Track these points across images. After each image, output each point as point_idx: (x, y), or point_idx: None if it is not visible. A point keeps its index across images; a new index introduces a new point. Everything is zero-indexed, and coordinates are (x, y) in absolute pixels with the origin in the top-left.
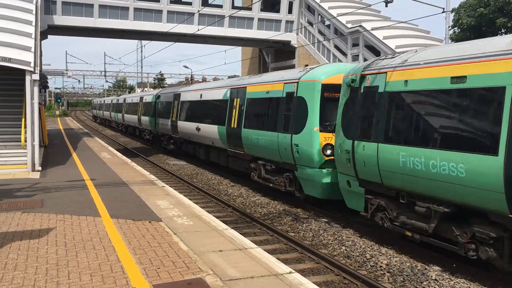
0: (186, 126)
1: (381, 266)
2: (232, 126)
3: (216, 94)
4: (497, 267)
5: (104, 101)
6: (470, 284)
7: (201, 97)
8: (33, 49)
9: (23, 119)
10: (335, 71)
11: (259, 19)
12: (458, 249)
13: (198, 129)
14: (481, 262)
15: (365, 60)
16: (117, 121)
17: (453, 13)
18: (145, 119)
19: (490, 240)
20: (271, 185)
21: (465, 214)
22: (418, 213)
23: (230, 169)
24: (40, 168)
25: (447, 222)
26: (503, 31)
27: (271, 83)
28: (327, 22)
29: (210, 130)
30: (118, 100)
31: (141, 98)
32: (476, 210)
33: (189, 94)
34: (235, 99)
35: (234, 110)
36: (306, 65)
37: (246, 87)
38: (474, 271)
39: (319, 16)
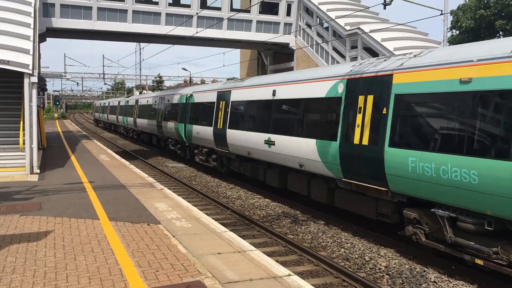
0: (244, 137)
1: (380, 268)
2: (358, 142)
3: (312, 89)
4: None
5: (109, 103)
6: (469, 286)
7: (274, 95)
8: (31, 52)
9: (21, 122)
10: None
11: (258, 22)
12: None
13: (269, 142)
14: (477, 264)
15: None
16: (126, 126)
17: (452, 16)
18: (169, 125)
19: None
20: None
21: None
22: None
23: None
24: (38, 171)
25: None
26: (501, 33)
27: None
28: (325, 25)
29: (297, 145)
30: (127, 101)
31: (162, 98)
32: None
33: (249, 92)
34: (364, 97)
35: (360, 116)
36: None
37: (392, 74)
38: (473, 273)
39: (318, 18)
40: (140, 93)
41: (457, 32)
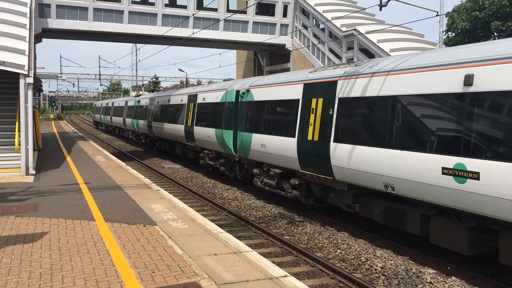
0: (382, 159)
1: (376, 269)
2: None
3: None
4: None
5: (114, 103)
6: (465, 287)
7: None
8: (27, 53)
9: (17, 123)
10: None
11: (254, 23)
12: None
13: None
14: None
15: None
16: (136, 130)
17: (447, 17)
18: (206, 132)
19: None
20: None
21: None
22: None
23: None
24: (34, 172)
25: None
26: (496, 34)
27: None
28: (321, 26)
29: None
30: (138, 101)
31: (193, 96)
32: None
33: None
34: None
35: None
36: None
37: None
38: (469, 274)
39: (314, 19)
40: (153, 90)
41: (453, 34)
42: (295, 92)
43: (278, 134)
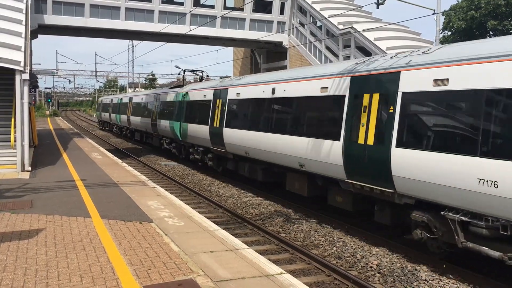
0: None
1: (371, 267)
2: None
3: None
4: None
5: (131, 99)
6: (460, 285)
7: None
8: (23, 49)
9: (12, 119)
10: None
11: (251, 20)
12: None
13: None
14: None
15: None
16: (176, 139)
17: (444, 16)
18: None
19: None
20: None
21: None
22: None
23: None
24: (29, 169)
25: None
26: (491, 34)
27: None
28: (318, 23)
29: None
30: (185, 94)
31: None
32: None
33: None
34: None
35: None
36: None
37: None
38: (464, 272)
39: (311, 17)
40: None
41: (449, 33)
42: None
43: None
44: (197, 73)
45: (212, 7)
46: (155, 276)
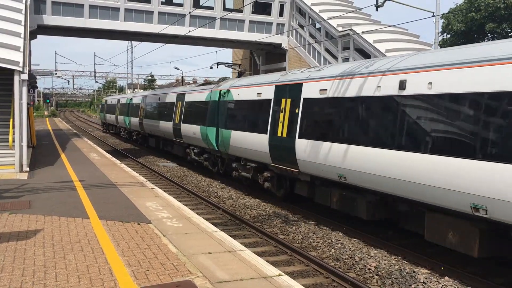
0: None
1: (370, 269)
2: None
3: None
4: None
5: (145, 98)
6: (458, 287)
7: None
8: (22, 49)
9: (11, 119)
10: None
11: (250, 21)
12: None
13: None
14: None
15: None
16: (210, 149)
17: (443, 19)
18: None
19: None
20: None
21: None
22: None
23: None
24: (28, 169)
25: None
26: (489, 36)
27: None
28: (318, 25)
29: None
30: (226, 92)
31: None
32: None
33: None
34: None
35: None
36: None
37: None
38: (462, 274)
39: (310, 19)
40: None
41: (448, 35)
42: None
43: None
44: (234, 67)
45: (211, 8)
46: (153, 277)
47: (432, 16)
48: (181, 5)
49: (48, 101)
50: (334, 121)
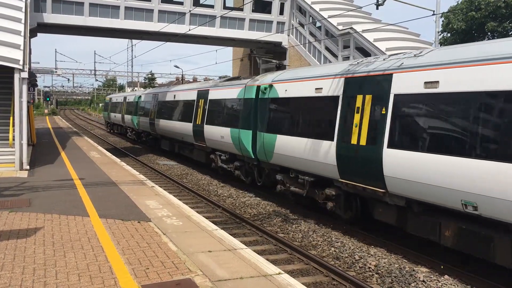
0: None
1: (369, 267)
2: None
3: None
4: None
5: (157, 96)
6: (457, 285)
7: None
8: (22, 47)
9: (11, 118)
10: None
11: (251, 20)
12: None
13: None
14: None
15: None
16: (244, 156)
17: (443, 17)
18: None
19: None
20: None
21: None
22: None
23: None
24: (28, 167)
25: None
26: (490, 35)
27: None
28: (318, 24)
29: None
30: (264, 92)
31: None
32: None
33: None
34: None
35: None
36: None
37: None
38: (461, 273)
39: (310, 17)
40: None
41: (448, 34)
42: None
43: None
44: (269, 59)
45: (211, 6)
46: (153, 276)
47: (433, 14)
48: (181, 3)
49: (48, 99)
50: (456, 125)
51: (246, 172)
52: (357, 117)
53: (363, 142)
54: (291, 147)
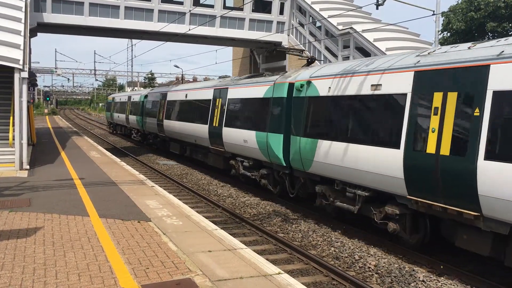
0: None
1: (369, 267)
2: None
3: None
4: None
5: (166, 96)
6: (457, 286)
7: None
8: (22, 47)
9: (11, 117)
10: None
11: (251, 20)
12: None
13: None
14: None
15: None
16: (272, 164)
17: (443, 17)
18: None
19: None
20: None
21: None
22: None
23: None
24: (28, 167)
25: None
26: (490, 35)
27: None
28: (318, 24)
29: None
30: (299, 90)
31: None
32: None
33: None
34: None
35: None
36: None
37: None
38: (461, 273)
39: (310, 17)
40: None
41: (448, 34)
42: None
43: None
44: (297, 53)
45: (211, 6)
46: (153, 275)
47: (433, 14)
48: (181, 3)
49: (48, 99)
50: None
51: (274, 181)
52: (434, 119)
53: (445, 151)
54: (337, 154)
